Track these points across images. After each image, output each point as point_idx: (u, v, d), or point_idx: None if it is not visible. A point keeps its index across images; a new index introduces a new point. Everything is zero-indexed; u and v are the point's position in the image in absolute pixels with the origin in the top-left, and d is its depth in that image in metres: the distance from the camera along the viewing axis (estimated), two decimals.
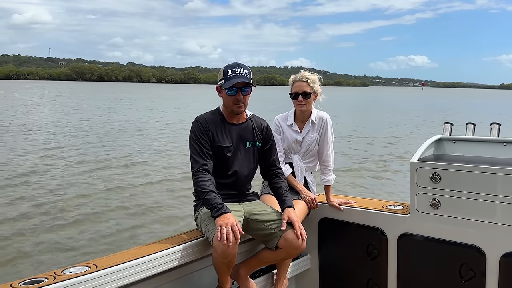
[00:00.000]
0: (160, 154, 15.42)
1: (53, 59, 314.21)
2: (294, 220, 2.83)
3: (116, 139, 18.64)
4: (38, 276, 2.27)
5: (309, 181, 3.51)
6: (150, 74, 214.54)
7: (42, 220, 8.00)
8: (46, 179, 11.07)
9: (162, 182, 11.18)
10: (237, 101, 2.89)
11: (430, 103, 64.26)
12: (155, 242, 2.84)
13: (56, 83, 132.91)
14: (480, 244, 2.87)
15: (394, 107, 52.59)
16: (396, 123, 29.70)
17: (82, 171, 12.15)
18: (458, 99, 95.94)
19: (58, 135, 19.58)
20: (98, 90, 74.22)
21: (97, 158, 14.09)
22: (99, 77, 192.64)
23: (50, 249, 6.76)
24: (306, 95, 3.35)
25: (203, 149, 2.84)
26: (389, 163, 14.52)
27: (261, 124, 3.08)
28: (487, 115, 34.86)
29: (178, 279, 2.84)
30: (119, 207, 8.92)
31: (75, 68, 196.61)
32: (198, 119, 2.94)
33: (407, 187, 3.23)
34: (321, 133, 3.44)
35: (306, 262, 3.61)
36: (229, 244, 2.48)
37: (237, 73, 2.85)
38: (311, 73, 3.42)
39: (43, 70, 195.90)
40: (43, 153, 14.69)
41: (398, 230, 3.18)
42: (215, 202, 2.65)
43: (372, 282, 3.34)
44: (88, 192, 9.95)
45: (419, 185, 3.04)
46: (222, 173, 2.95)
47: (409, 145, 18.13)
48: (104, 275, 2.32)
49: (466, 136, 3.40)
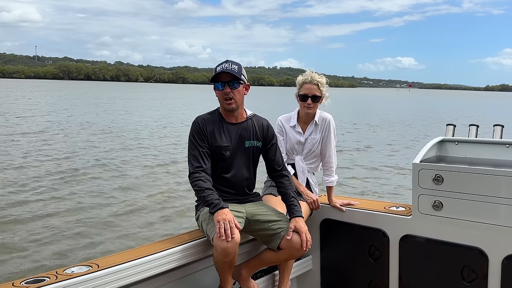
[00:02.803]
0: (161, 153, 15.38)
1: (39, 57, 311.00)
2: (301, 231, 2.80)
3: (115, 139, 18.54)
4: (40, 275, 2.26)
5: (311, 182, 3.50)
6: (138, 73, 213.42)
7: (42, 219, 7.93)
8: (46, 179, 10.96)
9: (163, 182, 11.11)
10: (225, 95, 2.86)
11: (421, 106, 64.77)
12: (157, 242, 2.84)
13: (41, 82, 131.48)
14: (483, 246, 2.87)
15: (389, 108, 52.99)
16: (396, 123, 29.86)
17: (83, 170, 12.08)
18: (447, 100, 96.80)
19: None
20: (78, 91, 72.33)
21: (97, 158, 13.96)
22: (86, 76, 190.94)
23: (52, 248, 6.70)
24: (315, 98, 3.33)
25: (200, 150, 2.84)
26: (390, 163, 14.51)
27: (262, 123, 3.05)
28: (477, 116, 35.25)
29: (180, 279, 2.83)
30: (119, 207, 8.87)
31: (62, 67, 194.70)
32: (196, 120, 2.94)
33: (409, 188, 3.24)
34: (324, 134, 3.43)
35: (307, 263, 3.61)
36: (228, 239, 2.48)
37: (224, 68, 2.85)
38: (321, 76, 3.37)
39: (29, 68, 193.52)
40: (40, 153, 14.56)
41: (400, 232, 3.18)
42: (211, 198, 2.65)
43: (373, 283, 3.34)
44: (89, 191, 9.88)
45: (421, 187, 3.04)
46: (222, 173, 2.94)
47: (409, 146, 18.18)
48: (105, 275, 2.32)
49: (469, 138, 3.41)
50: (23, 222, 7.73)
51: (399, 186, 11.21)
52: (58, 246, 6.80)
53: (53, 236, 7.15)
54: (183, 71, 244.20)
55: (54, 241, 6.98)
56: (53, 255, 6.47)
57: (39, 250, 6.60)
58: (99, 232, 7.43)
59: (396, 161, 14.89)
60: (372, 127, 27.42)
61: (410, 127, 28.31)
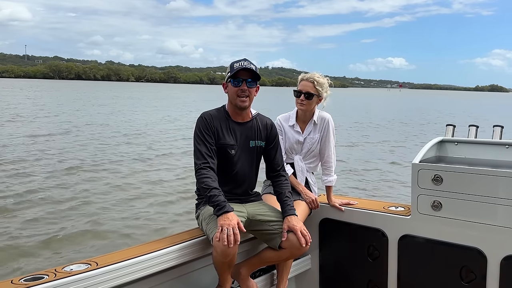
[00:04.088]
0: (162, 152, 15.39)
1: (29, 56, 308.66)
2: (294, 228, 2.78)
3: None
4: (39, 273, 2.26)
5: (310, 181, 3.50)
6: (129, 73, 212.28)
7: (43, 218, 7.89)
8: (46, 178, 10.91)
9: (164, 181, 11.07)
10: (241, 92, 2.83)
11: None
12: (156, 240, 2.83)
13: (33, 81, 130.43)
14: (481, 247, 2.87)
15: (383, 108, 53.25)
16: (395, 124, 30.01)
17: (83, 170, 12.05)
18: (438, 100, 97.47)
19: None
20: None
21: (96, 158, 13.90)
22: (77, 75, 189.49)
23: (51, 246, 6.68)
24: (308, 96, 3.33)
25: (208, 146, 2.79)
26: (390, 164, 14.54)
27: (266, 123, 3.04)
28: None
29: (179, 278, 2.82)
30: (120, 206, 8.85)
31: (52, 66, 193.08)
32: (203, 115, 2.89)
33: (408, 188, 3.25)
34: (323, 133, 3.43)
35: (306, 262, 3.60)
36: (229, 246, 2.46)
37: (243, 65, 2.83)
38: (322, 76, 3.38)
39: (18, 68, 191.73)
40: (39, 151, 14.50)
41: (399, 232, 3.18)
42: (218, 199, 2.60)
43: (372, 283, 3.34)
44: (89, 190, 9.85)
45: (420, 187, 3.04)
46: (226, 172, 2.91)
47: (409, 147, 18.24)
48: (104, 273, 2.32)
49: (469, 138, 3.41)
50: (22, 220, 7.70)
51: (398, 186, 11.25)
52: (57, 244, 6.77)
53: (52, 234, 7.11)
54: (175, 70, 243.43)
55: (54, 238, 6.96)
56: (52, 252, 6.45)
57: (38, 248, 6.57)
58: (100, 230, 7.41)
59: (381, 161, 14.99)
60: (360, 124, 27.55)
61: (400, 127, 28.46)
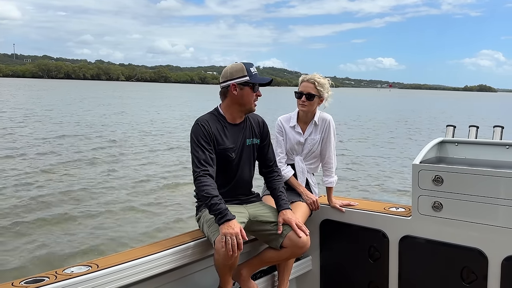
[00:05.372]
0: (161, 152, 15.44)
1: (17, 55, 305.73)
2: (290, 221, 2.82)
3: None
4: (39, 275, 2.25)
5: (311, 182, 3.49)
6: (119, 72, 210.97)
7: (43, 219, 7.87)
8: (46, 178, 10.90)
9: (164, 182, 11.09)
10: (257, 97, 2.93)
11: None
12: (157, 242, 2.81)
13: (24, 81, 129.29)
14: (482, 247, 2.87)
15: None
16: (395, 124, 30.19)
17: (84, 170, 12.07)
18: (428, 100, 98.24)
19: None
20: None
21: (96, 158, 13.86)
22: (66, 74, 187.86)
23: (52, 248, 6.66)
24: (310, 97, 3.33)
25: (206, 153, 2.76)
26: (390, 164, 14.61)
27: (258, 120, 3.07)
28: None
29: (180, 280, 2.81)
30: (121, 207, 8.84)
31: (41, 65, 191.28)
32: (199, 122, 2.84)
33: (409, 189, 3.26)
34: (323, 134, 3.42)
35: (307, 263, 3.60)
36: (233, 254, 2.49)
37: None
38: (322, 77, 3.38)
39: (7, 67, 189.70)
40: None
41: (400, 232, 3.17)
42: (219, 208, 2.59)
43: (373, 284, 3.34)
44: (89, 191, 9.83)
45: (421, 188, 3.04)
46: (227, 175, 2.90)
47: (410, 148, 18.37)
48: (105, 275, 2.31)
49: (469, 139, 3.42)
50: (23, 222, 7.67)
51: (399, 187, 11.29)
52: (58, 246, 6.74)
53: (52, 236, 7.09)
54: (166, 70, 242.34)
55: (55, 240, 6.93)
56: (53, 254, 6.42)
57: (39, 250, 6.54)
58: (100, 232, 7.39)
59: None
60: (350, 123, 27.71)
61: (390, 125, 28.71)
